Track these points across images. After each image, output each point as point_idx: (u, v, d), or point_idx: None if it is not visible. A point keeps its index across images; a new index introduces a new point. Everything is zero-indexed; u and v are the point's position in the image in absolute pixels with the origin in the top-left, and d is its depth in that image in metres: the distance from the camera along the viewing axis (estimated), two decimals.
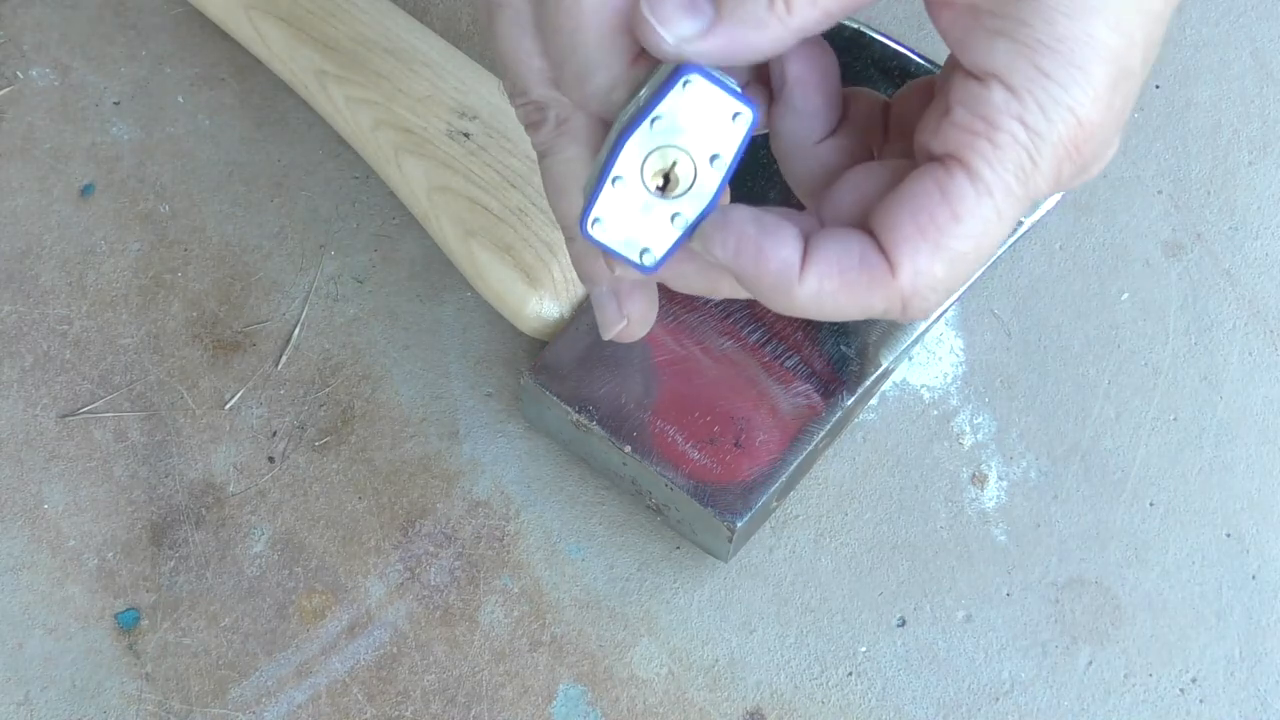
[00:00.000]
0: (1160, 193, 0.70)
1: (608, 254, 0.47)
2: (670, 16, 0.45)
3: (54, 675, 0.62)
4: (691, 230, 0.47)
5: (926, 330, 0.64)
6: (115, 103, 0.71)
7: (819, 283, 0.46)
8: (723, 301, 0.63)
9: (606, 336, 0.52)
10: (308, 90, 0.68)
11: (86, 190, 0.69)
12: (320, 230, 0.69)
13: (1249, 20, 0.73)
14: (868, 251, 0.45)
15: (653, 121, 0.46)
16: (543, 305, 0.63)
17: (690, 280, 0.49)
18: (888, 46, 0.65)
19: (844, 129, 0.50)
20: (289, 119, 0.71)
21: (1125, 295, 0.68)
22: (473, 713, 0.61)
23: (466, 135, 0.65)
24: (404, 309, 0.67)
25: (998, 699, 0.62)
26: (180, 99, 0.71)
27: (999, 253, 0.66)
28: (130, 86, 0.71)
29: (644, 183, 0.46)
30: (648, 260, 0.47)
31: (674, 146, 0.46)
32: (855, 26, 0.65)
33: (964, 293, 0.65)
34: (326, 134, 0.70)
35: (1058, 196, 0.68)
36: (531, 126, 0.49)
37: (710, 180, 0.46)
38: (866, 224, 0.46)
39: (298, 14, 0.68)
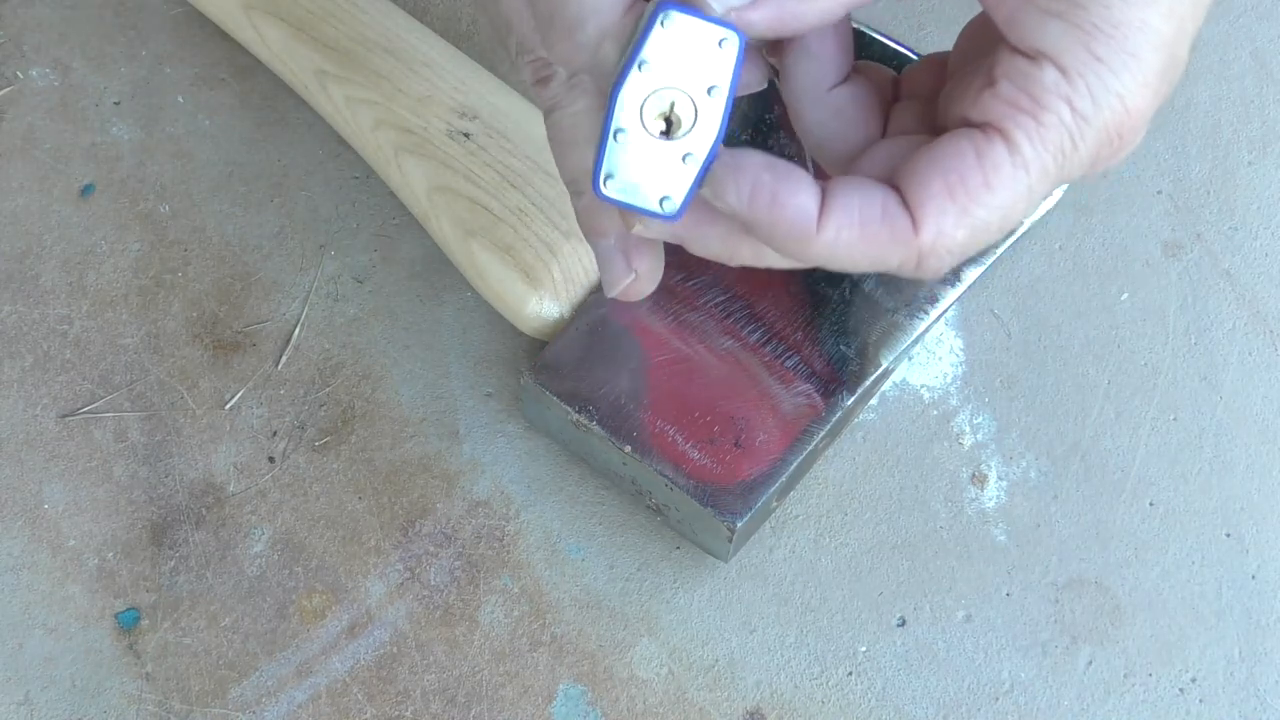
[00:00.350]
0: (1160, 193, 0.70)
1: (628, 211, 0.47)
2: None
3: (54, 675, 0.62)
4: (707, 168, 0.46)
5: (926, 330, 0.64)
6: (115, 103, 0.71)
7: (837, 232, 0.45)
8: (723, 301, 0.63)
9: (613, 293, 0.51)
10: (308, 90, 0.68)
11: (86, 190, 0.69)
12: (320, 230, 0.69)
13: (1249, 20, 0.73)
14: (891, 205, 0.45)
15: (640, 66, 0.45)
16: (543, 305, 0.63)
17: (710, 243, 0.48)
18: (888, 46, 0.65)
19: (856, 79, 0.49)
20: (289, 119, 0.71)
21: (1125, 295, 0.68)
22: (473, 713, 0.61)
23: (466, 135, 0.65)
24: (404, 309, 0.67)
25: (998, 699, 0.62)
26: (180, 99, 0.71)
27: (999, 251, 0.66)
28: (130, 86, 0.71)
29: (646, 130, 0.46)
30: (669, 207, 0.46)
31: (668, 87, 0.45)
32: (855, 26, 0.65)
33: (964, 293, 0.65)
34: (326, 134, 0.70)
35: (1058, 195, 0.68)
36: (540, 83, 0.49)
37: (713, 112, 0.46)
38: (891, 179, 0.45)
39: (298, 14, 0.68)
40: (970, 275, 0.65)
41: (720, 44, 0.45)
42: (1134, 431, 0.65)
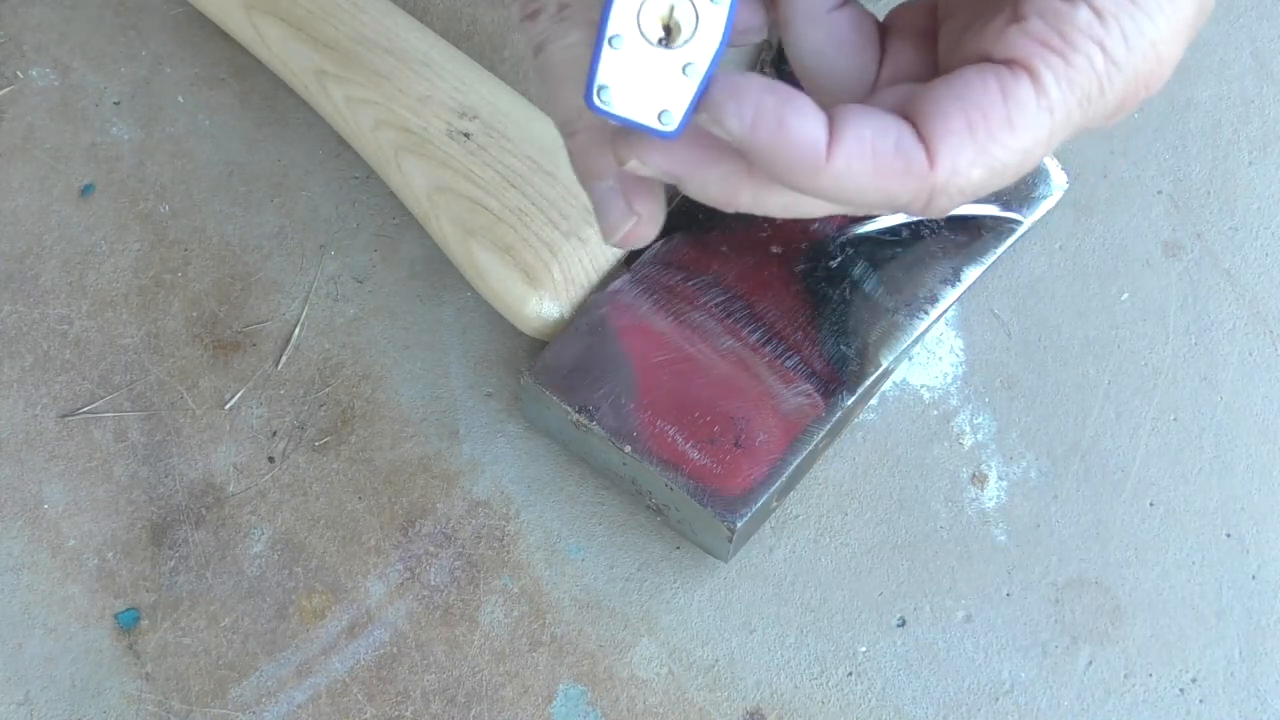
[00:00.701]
0: (1160, 193, 0.70)
1: (623, 125, 0.43)
2: None
3: (54, 675, 0.62)
4: (708, 80, 0.43)
5: (927, 330, 0.64)
6: (115, 103, 0.71)
7: (848, 162, 0.42)
8: (723, 301, 0.63)
9: (613, 240, 0.48)
10: (308, 90, 0.68)
11: (86, 190, 0.69)
12: (320, 230, 0.69)
13: (1249, 20, 0.73)
14: (905, 136, 0.42)
15: None
16: (543, 305, 0.63)
17: (709, 184, 0.44)
18: None
19: (855, 4, 0.47)
20: (289, 119, 0.71)
21: (1125, 295, 0.68)
22: (473, 713, 0.61)
23: (466, 135, 0.65)
24: (404, 309, 0.67)
25: (998, 699, 0.62)
26: (180, 99, 0.71)
27: (999, 251, 0.66)
28: (130, 86, 0.71)
29: (644, 37, 0.43)
30: (668, 122, 0.43)
31: None
32: None
33: (964, 293, 0.65)
34: (326, 134, 0.70)
35: (1059, 196, 0.68)
36: (529, 18, 0.46)
37: (715, 18, 0.43)
38: (904, 110, 0.43)
39: (298, 14, 0.68)
40: (970, 275, 0.65)
41: None
42: (1134, 431, 0.65)
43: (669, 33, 0.43)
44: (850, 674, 0.62)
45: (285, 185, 0.70)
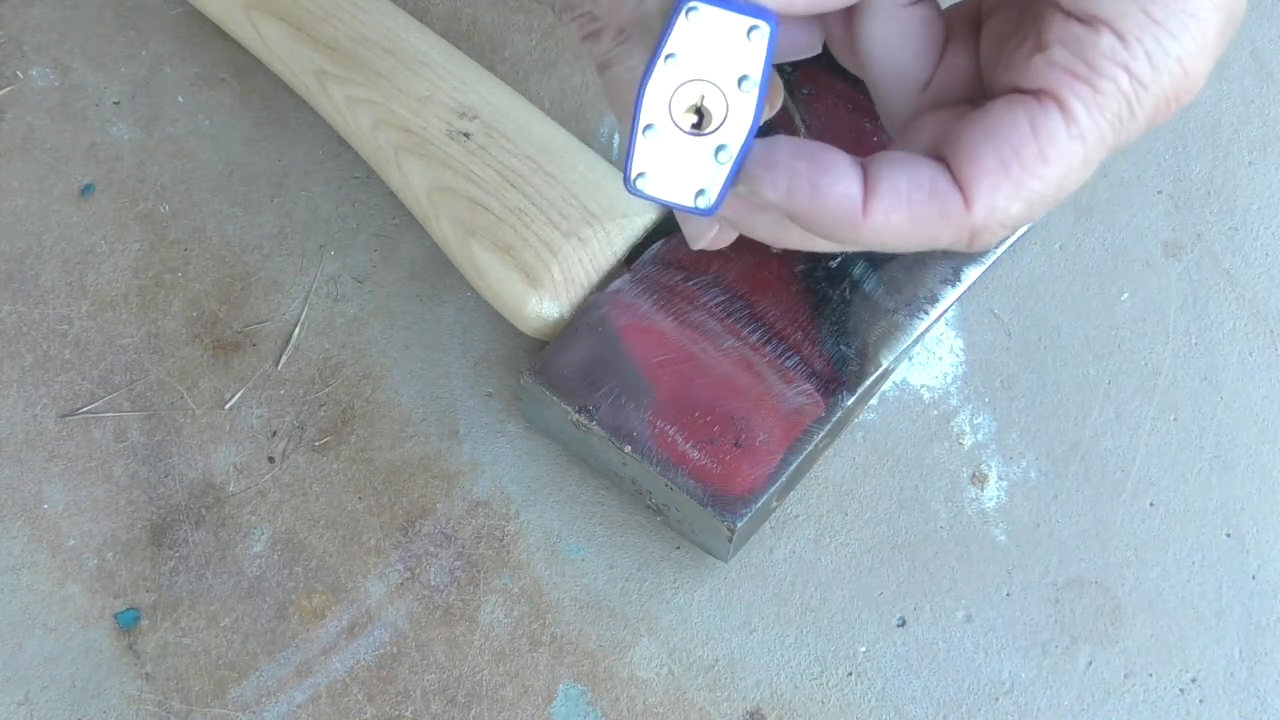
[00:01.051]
0: (1160, 193, 0.70)
1: (662, 205, 0.45)
2: None
3: (54, 675, 0.62)
4: (742, 161, 0.44)
5: (927, 330, 0.64)
6: (115, 103, 0.71)
7: (885, 216, 0.43)
8: (723, 301, 0.63)
9: (698, 246, 0.49)
10: (308, 90, 0.68)
11: (86, 190, 0.69)
12: (320, 230, 0.69)
13: (1249, 20, 0.73)
14: (940, 182, 0.43)
15: (667, 59, 0.43)
16: (543, 305, 0.63)
17: (759, 229, 0.46)
18: None
19: (928, 2, 0.47)
20: (289, 119, 0.71)
21: (1125, 295, 0.68)
22: (473, 713, 0.61)
23: (466, 135, 0.65)
24: (404, 309, 0.67)
25: (998, 699, 0.62)
26: (180, 99, 0.71)
27: (999, 251, 0.66)
28: (130, 86, 0.71)
29: (676, 124, 0.44)
30: (703, 202, 0.45)
31: (697, 80, 0.43)
32: None
33: (964, 293, 0.65)
34: (326, 134, 0.70)
35: None
36: (589, 38, 0.47)
37: (745, 105, 0.44)
38: (937, 150, 0.44)
39: (298, 14, 0.68)
40: (970, 275, 0.65)
41: (749, 33, 0.43)
42: (1134, 431, 0.65)
43: (700, 119, 0.44)
44: (850, 674, 0.62)
45: (285, 185, 0.70)
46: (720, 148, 0.44)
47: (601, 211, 0.64)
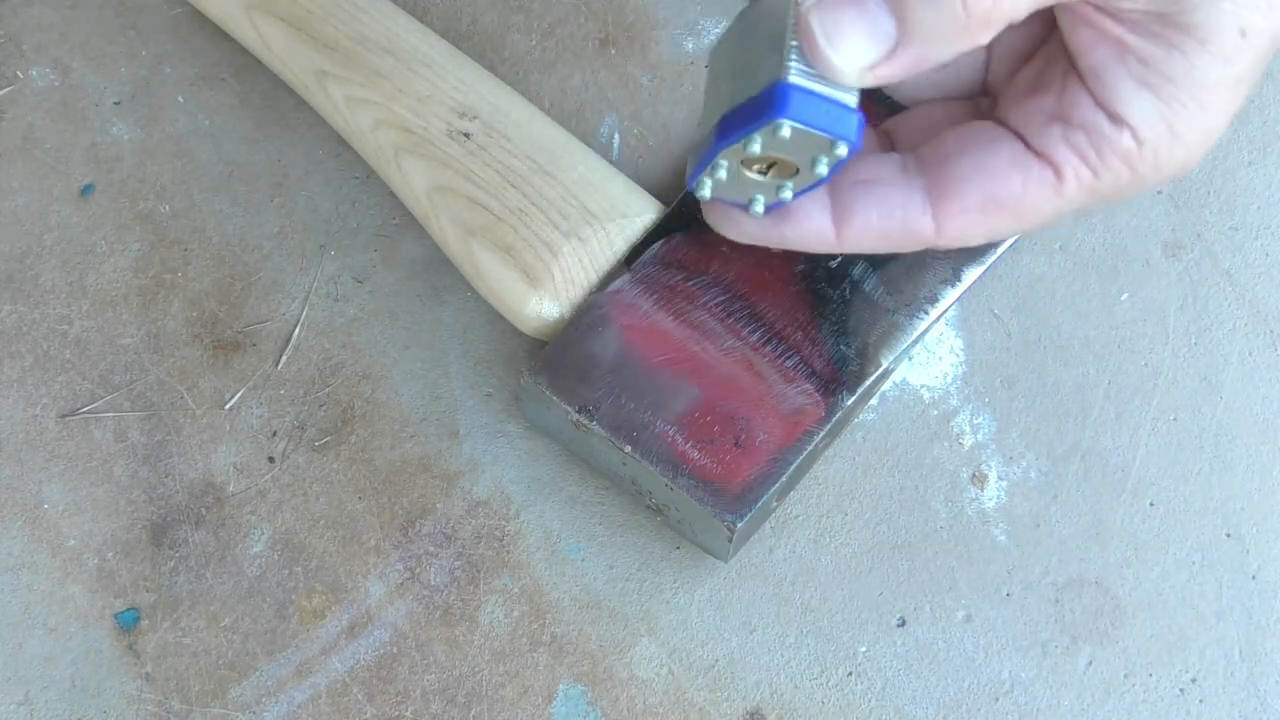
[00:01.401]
0: (1160, 193, 0.70)
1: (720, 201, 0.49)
2: (848, 38, 0.41)
3: (54, 675, 0.62)
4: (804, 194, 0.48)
5: (927, 330, 0.64)
6: (115, 103, 0.71)
7: (857, 239, 0.47)
8: (723, 301, 0.63)
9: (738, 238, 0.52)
10: (308, 90, 0.68)
11: (86, 190, 0.69)
12: (320, 230, 0.69)
13: None
14: (912, 212, 0.46)
15: (746, 145, 0.45)
16: (543, 305, 0.63)
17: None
18: None
19: None
20: (289, 119, 0.71)
21: (1125, 295, 0.68)
22: (473, 713, 0.61)
23: (466, 135, 0.65)
24: (404, 309, 0.67)
25: (998, 699, 0.62)
26: (180, 99, 0.71)
27: (999, 251, 0.66)
28: (130, 86, 0.71)
29: (744, 171, 0.47)
30: (757, 209, 0.48)
31: (771, 155, 0.46)
32: None
33: (964, 293, 0.65)
34: (326, 134, 0.70)
35: None
36: None
37: (816, 172, 0.46)
38: (931, 168, 0.46)
39: (298, 14, 0.68)
40: (970, 275, 0.65)
41: (833, 145, 0.44)
42: (1134, 431, 0.65)
43: (767, 169, 0.47)
44: (850, 674, 0.62)
45: (285, 185, 0.70)
46: (782, 186, 0.47)
47: (601, 211, 0.64)
